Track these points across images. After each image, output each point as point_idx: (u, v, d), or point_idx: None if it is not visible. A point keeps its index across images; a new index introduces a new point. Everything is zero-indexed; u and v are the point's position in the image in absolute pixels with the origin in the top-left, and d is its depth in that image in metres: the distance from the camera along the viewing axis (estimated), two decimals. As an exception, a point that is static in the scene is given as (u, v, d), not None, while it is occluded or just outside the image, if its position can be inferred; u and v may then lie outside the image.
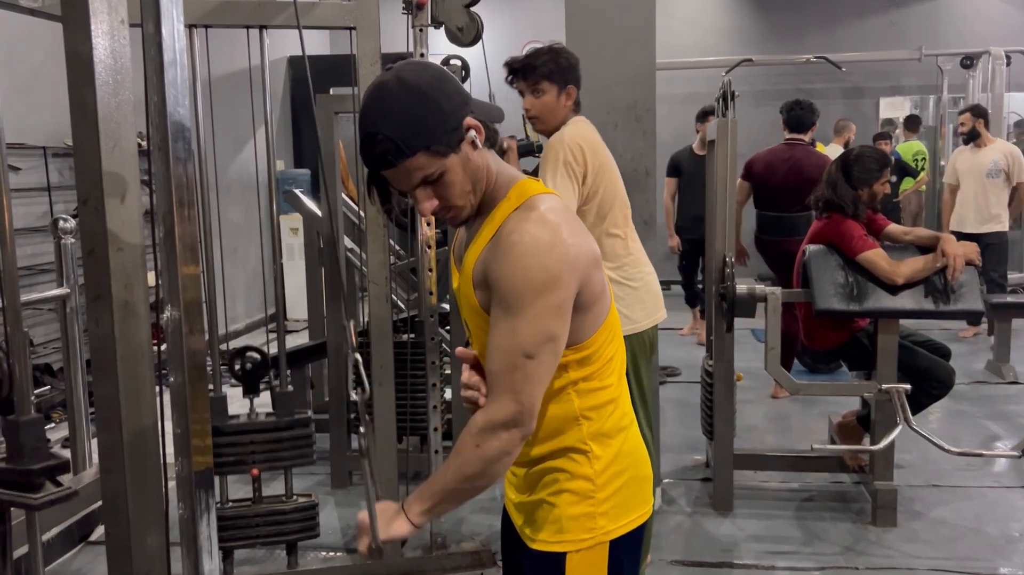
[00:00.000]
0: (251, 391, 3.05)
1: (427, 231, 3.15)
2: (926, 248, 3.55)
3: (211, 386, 2.85)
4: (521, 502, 1.58)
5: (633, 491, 1.54)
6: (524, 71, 2.83)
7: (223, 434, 2.94)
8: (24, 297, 2.54)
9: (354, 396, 1.54)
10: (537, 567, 1.53)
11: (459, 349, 1.54)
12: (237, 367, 3.01)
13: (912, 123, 9.11)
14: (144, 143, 1.48)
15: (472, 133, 1.40)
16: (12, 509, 1.89)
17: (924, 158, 8.82)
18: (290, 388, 3.12)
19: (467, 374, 1.51)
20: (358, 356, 1.55)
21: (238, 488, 3.77)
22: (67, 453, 3.75)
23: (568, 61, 2.84)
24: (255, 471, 2.95)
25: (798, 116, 5.37)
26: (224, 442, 2.93)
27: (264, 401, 3.05)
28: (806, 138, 5.40)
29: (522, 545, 1.56)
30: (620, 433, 1.53)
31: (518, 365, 1.38)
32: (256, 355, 3.03)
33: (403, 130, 1.34)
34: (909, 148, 8.87)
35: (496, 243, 1.39)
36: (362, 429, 1.51)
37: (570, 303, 1.39)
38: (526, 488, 1.56)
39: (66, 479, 1.72)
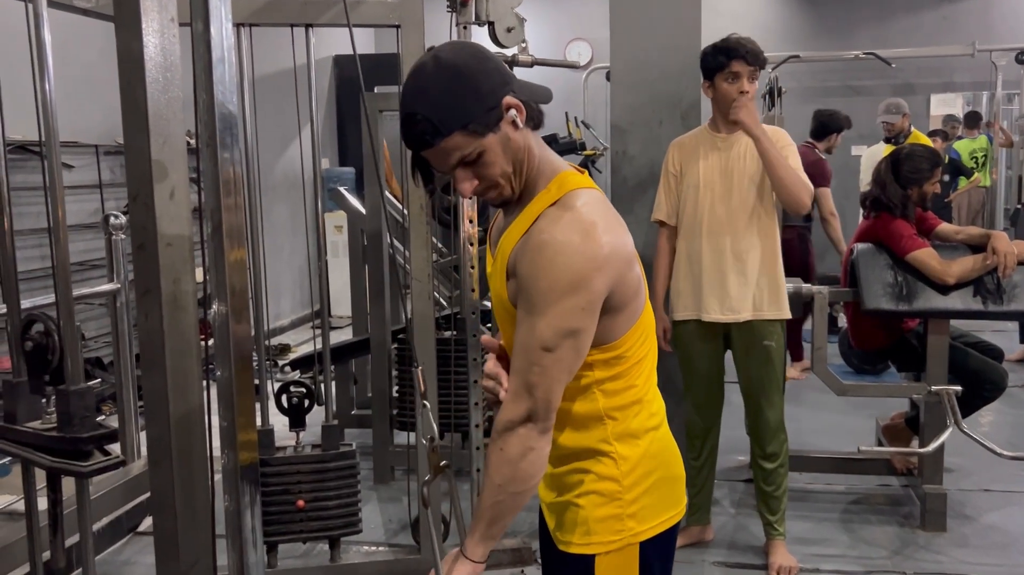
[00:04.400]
0: (297, 425, 3.09)
1: (469, 228, 3.16)
2: (978, 247, 3.47)
3: (260, 421, 2.90)
4: (551, 503, 1.57)
5: (663, 492, 1.52)
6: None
7: (270, 466, 2.98)
8: (76, 292, 2.59)
9: (424, 442, 1.53)
10: (568, 569, 1.52)
11: (484, 337, 1.52)
12: (284, 401, 3.07)
13: (972, 120, 8.89)
14: (193, 141, 1.50)
15: (512, 112, 1.37)
16: (63, 478, 1.91)
17: (984, 155, 8.61)
18: (335, 422, 3.15)
19: (491, 364, 1.50)
20: (427, 403, 1.54)
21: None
22: (117, 446, 3.83)
23: None
24: (300, 503, 2.99)
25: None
26: (271, 472, 2.98)
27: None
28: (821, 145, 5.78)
29: (554, 547, 1.55)
30: (647, 434, 1.51)
31: (535, 360, 1.36)
32: (302, 389, 3.07)
33: (439, 109, 1.33)
34: (966, 146, 8.66)
35: (528, 239, 1.38)
36: (427, 478, 1.50)
37: (598, 303, 1.37)
38: (555, 489, 1.55)
39: (113, 448, 1.74)
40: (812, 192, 2.98)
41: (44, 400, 1.80)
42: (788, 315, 3.12)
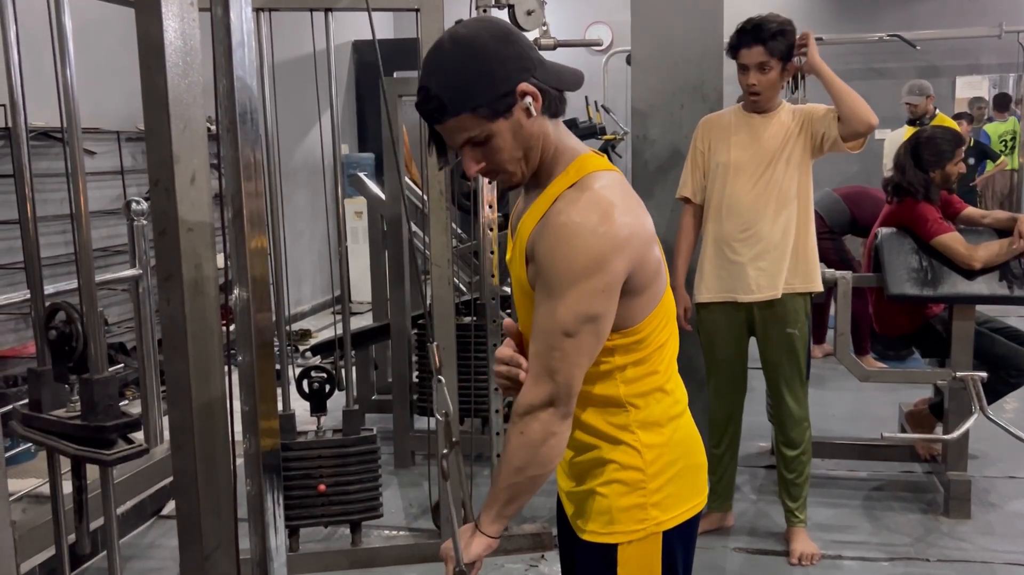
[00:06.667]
0: (318, 410, 3.11)
1: (489, 214, 3.15)
2: (1004, 231, 3.42)
3: (280, 406, 2.91)
4: (572, 491, 1.55)
5: (686, 480, 1.51)
6: (757, 36, 2.92)
7: (291, 450, 3.00)
8: (99, 277, 2.61)
9: (439, 417, 1.54)
10: (589, 558, 1.51)
11: (507, 320, 1.52)
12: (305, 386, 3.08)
13: (1001, 102, 8.75)
14: (213, 127, 1.50)
15: (528, 100, 1.34)
16: (87, 465, 1.93)
17: (1013, 138, 8.49)
18: (355, 407, 3.15)
19: (505, 349, 1.48)
20: (443, 379, 1.54)
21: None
22: (140, 434, 3.86)
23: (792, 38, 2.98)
24: (322, 487, 3.01)
25: None
26: (292, 457, 3.00)
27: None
28: None
29: (574, 535, 1.54)
30: (671, 422, 1.49)
31: (555, 345, 1.35)
32: (323, 374, 3.08)
33: (449, 89, 1.32)
34: (996, 129, 8.54)
35: (546, 222, 1.36)
36: (444, 451, 1.50)
37: (617, 286, 1.35)
38: (575, 477, 1.54)
39: (137, 437, 1.76)
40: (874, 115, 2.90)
41: (68, 388, 1.81)
42: (820, 287, 3.09)
